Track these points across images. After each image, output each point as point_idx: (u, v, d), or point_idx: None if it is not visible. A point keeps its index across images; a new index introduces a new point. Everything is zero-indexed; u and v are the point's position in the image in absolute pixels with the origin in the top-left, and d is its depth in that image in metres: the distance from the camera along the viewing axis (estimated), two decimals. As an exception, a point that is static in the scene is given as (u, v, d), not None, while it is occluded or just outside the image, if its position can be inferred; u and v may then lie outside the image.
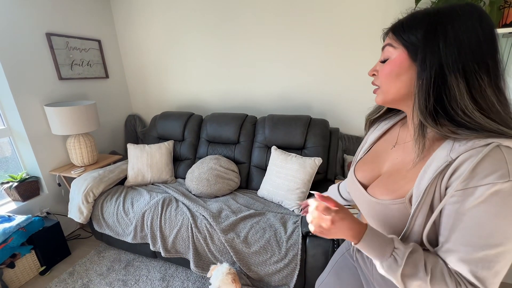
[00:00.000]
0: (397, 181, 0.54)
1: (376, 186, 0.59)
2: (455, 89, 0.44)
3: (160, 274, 1.70)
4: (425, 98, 0.46)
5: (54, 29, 1.96)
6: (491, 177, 0.40)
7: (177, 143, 2.21)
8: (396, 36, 0.50)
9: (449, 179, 0.44)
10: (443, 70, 0.44)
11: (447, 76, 0.44)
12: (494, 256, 0.41)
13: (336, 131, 1.89)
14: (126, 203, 1.73)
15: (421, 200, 0.46)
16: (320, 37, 1.91)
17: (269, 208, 1.65)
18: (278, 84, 2.16)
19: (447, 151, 0.45)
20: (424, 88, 0.46)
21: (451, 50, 0.43)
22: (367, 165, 0.66)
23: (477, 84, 0.43)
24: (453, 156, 0.44)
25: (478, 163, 0.41)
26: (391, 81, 0.51)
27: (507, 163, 0.40)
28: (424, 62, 0.46)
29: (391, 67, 0.51)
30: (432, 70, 0.45)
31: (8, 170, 1.91)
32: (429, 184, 0.46)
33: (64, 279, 1.69)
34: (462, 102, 0.43)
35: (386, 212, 0.54)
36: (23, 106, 1.80)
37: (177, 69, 2.45)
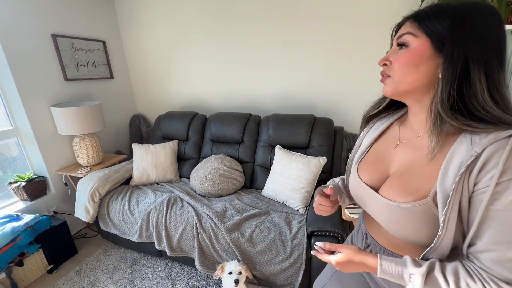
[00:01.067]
0: (413, 181, 0.52)
1: (390, 188, 0.56)
2: (477, 84, 0.43)
3: (166, 273, 1.71)
4: (448, 90, 0.45)
5: (59, 30, 1.98)
6: None
7: (182, 142, 2.22)
8: (420, 24, 0.47)
9: (478, 174, 0.42)
10: (468, 64, 0.43)
11: (471, 71, 0.43)
12: None
13: (341, 130, 1.88)
14: (132, 202, 1.75)
15: (451, 199, 0.44)
16: (324, 35, 1.90)
17: (274, 208, 1.65)
18: (282, 83, 2.15)
19: (467, 145, 0.44)
20: (449, 81, 0.45)
21: (477, 44, 0.43)
22: (371, 167, 0.63)
23: (496, 80, 0.43)
24: (477, 150, 0.43)
25: (509, 155, 0.40)
26: (408, 71, 0.49)
27: None
28: (452, 54, 0.44)
29: (411, 56, 0.48)
30: (459, 63, 0.44)
31: (16, 170, 1.94)
32: (456, 182, 0.44)
33: (72, 278, 1.72)
34: (483, 98, 0.43)
35: (409, 216, 0.50)
36: (30, 107, 1.82)
37: (180, 69, 2.45)
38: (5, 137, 1.83)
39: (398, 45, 0.51)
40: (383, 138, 0.65)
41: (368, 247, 0.68)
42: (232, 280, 1.25)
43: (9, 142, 1.90)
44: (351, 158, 0.71)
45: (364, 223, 0.72)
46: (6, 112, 1.83)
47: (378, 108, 0.66)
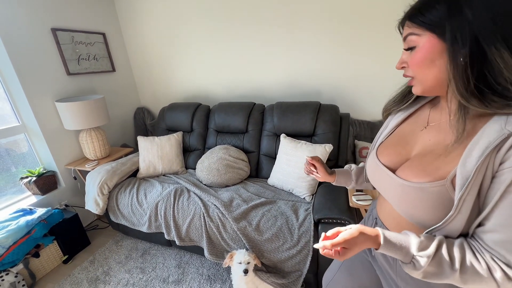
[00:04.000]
0: (434, 162, 0.50)
1: (408, 169, 0.55)
2: (499, 61, 0.39)
3: (176, 262, 1.76)
4: (463, 80, 0.42)
5: (59, 24, 1.96)
6: None
7: (186, 134, 2.22)
8: (415, 22, 0.46)
9: (506, 153, 0.40)
10: (480, 44, 0.40)
11: (486, 50, 0.40)
12: None
13: (347, 117, 1.85)
14: (140, 194, 1.78)
15: (471, 181, 0.42)
16: (329, 21, 1.83)
17: (280, 196, 1.65)
18: (286, 71, 2.10)
19: (500, 126, 0.41)
20: (461, 69, 0.42)
21: (483, 19, 0.39)
22: (391, 149, 0.62)
23: None
24: (510, 129, 0.40)
25: None
26: (426, 69, 0.48)
27: None
28: (454, 40, 0.42)
29: (423, 54, 0.47)
30: (466, 46, 0.41)
31: (26, 165, 1.98)
32: (480, 162, 0.41)
33: (86, 267, 1.78)
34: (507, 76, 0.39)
35: (423, 196, 0.49)
36: (35, 103, 1.83)
37: (182, 59, 2.42)
38: (13, 133, 1.86)
39: (408, 48, 0.50)
40: (410, 120, 0.63)
41: None
42: (242, 270, 1.27)
43: (18, 139, 1.93)
44: (374, 141, 0.70)
45: (376, 208, 0.72)
46: (12, 108, 1.85)
47: (405, 104, 0.63)
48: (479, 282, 0.42)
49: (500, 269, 0.41)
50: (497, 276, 0.41)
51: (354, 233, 0.51)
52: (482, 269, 0.42)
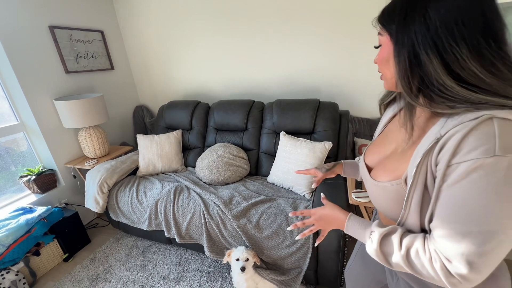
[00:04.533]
0: (395, 162, 0.54)
1: (377, 168, 0.59)
2: (429, 66, 0.43)
3: (176, 259, 1.76)
4: (404, 79, 0.46)
5: (57, 21, 1.94)
6: (475, 153, 0.38)
7: (185, 132, 2.22)
8: (380, 24, 0.51)
9: (437, 156, 0.43)
10: (415, 49, 0.44)
11: (420, 55, 0.43)
12: (480, 235, 0.39)
13: (346, 114, 1.85)
14: (140, 192, 1.78)
15: (414, 180, 0.46)
16: (328, 18, 1.82)
17: (280, 194, 1.65)
18: (285, 68, 2.10)
19: (438, 128, 0.44)
20: (402, 70, 0.46)
21: (420, 26, 0.43)
22: (376, 148, 0.65)
23: (453, 58, 0.41)
24: (442, 132, 0.43)
25: (463, 138, 0.39)
26: (385, 67, 0.52)
27: (495, 137, 0.37)
28: (397, 44, 0.46)
29: (382, 54, 0.52)
30: (405, 50, 0.45)
31: (26, 164, 1.98)
32: (419, 163, 0.45)
33: (87, 265, 1.79)
34: (438, 78, 0.42)
35: (385, 194, 0.54)
36: (33, 101, 1.83)
37: (181, 57, 2.41)
38: (12, 131, 1.85)
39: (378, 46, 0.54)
40: (396, 117, 0.65)
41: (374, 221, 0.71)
42: (239, 267, 1.27)
43: (17, 138, 1.92)
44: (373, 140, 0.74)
45: None
46: (11, 107, 1.85)
47: (391, 96, 0.66)
48: (422, 269, 0.45)
49: (440, 261, 0.43)
50: (436, 266, 0.43)
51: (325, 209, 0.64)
52: (424, 257, 0.45)
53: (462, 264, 0.40)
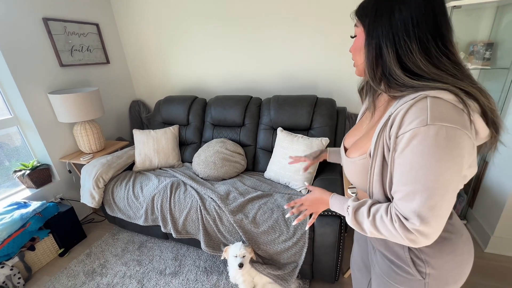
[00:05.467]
0: (363, 140, 0.64)
1: (352, 148, 0.68)
2: (386, 57, 0.51)
3: (173, 254, 1.77)
4: (371, 67, 0.54)
5: (50, 13, 1.90)
6: (413, 123, 0.46)
7: (182, 127, 2.21)
8: (357, 16, 0.58)
9: (390, 130, 0.51)
10: (380, 42, 0.52)
11: (382, 46, 0.52)
12: (425, 192, 0.47)
13: (343, 111, 1.85)
14: (136, 187, 1.77)
15: (374, 153, 0.55)
16: (325, 15, 1.81)
17: (276, 189, 1.66)
18: (282, 64, 2.09)
19: (392, 108, 0.53)
20: (370, 59, 0.54)
21: (385, 22, 0.51)
22: (353, 132, 0.73)
23: (405, 51, 0.50)
24: (392, 110, 0.52)
25: (405, 113, 0.48)
26: (357, 55, 0.60)
27: (427, 110, 0.46)
28: (368, 37, 0.54)
29: (355, 43, 0.60)
30: (373, 42, 0.53)
31: (20, 159, 1.95)
32: (377, 138, 0.54)
33: (82, 260, 1.78)
34: (391, 68, 0.51)
35: (354, 168, 0.64)
36: (27, 95, 1.80)
37: (178, 52, 2.38)
38: (5, 126, 1.82)
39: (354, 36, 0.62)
40: None
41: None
42: (237, 263, 1.28)
43: (11, 132, 1.89)
44: None
45: None
46: (4, 100, 1.81)
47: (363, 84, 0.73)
48: (386, 231, 0.52)
49: (399, 220, 0.50)
50: (396, 226, 0.50)
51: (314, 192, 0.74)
52: (387, 219, 0.52)
53: (415, 219, 0.48)
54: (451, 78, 0.49)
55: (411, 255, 0.59)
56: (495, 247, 1.60)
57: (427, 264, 0.58)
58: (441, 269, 0.58)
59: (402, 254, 0.61)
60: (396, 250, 0.62)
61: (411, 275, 0.60)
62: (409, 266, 0.60)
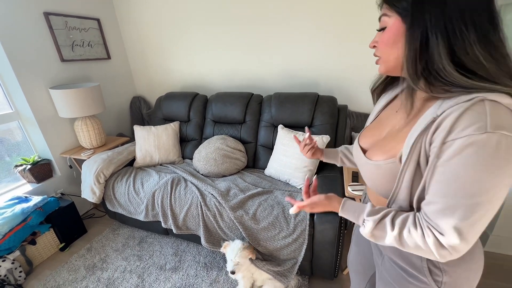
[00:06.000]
0: (391, 143, 0.57)
1: (373, 149, 0.62)
2: (435, 50, 0.44)
3: (173, 250, 1.78)
4: (413, 62, 0.47)
5: (51, 8, 1.89)
6: (469, 130, 0.40)
7: (183, 124, 2.21)
8: (389, 4, 0.50)
9: (433, 135, 0.45)
10: (427, 31, 0.45)
11: (429, 38, 0.44)
12: (470, 207, 0.42)
13: (345, 108, 1.85)
14: (136, 183, 1.77)
15: (408, 157, 0.49)
16: (326, 12, 1.80)
17: (277, 186, 1.66)
18: (284, 61, 2.08)
19: (435, 109, 0.47)
20: (412, 52, 0.46)
21: (435, 10, 0.44)
22: (370, 132, 0.68)
23: (461, 43, 0.43)
24: (438, 113, 0.45)
25: (458, 117, 0.42)
26: (390, 49, 0.52)
27: (487, 116, 0.40)
28: (412, 26, 0.46)
29: (388, 35, 0.51)
30: (418, 32, 0.45)
31: (21, 154, 1.95)
32: (414, 142, 0.48)
33: (83, 255, 1.79)
34: (440, 62, 0.44)
35: (378, 172, 0.57)
36: (28, 90, 1.79)
37: (179, 48, 2.37)
38: (6, 120, 1.82)
39: (381, 29, 0.54)
40: (390, 105, 0.68)
41: None
42: (229, 270, 1.28)
43: (12, 127, 1.89)
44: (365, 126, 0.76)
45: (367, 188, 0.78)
46: (4, 95, 1.81)
47: (378, 82, 0.69)
48: (414, 245, 0.48)
49: (433, 236, 0.46)
50: (429, 241, 0.46)
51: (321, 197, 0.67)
52: (416, 234, 0.47)
53: (454, 236, 0.43)
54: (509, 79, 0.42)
55: (429, 264, 0.55)
56: (494, 245, 1.62)
57: (445, 273, 0.55)
58: (458, 277, 0.55)
59: (418, 263, 0.57)
60: (411, 258, 0.58)
61: (426, 284, 0.56)
62: (425, 275, 0.56)
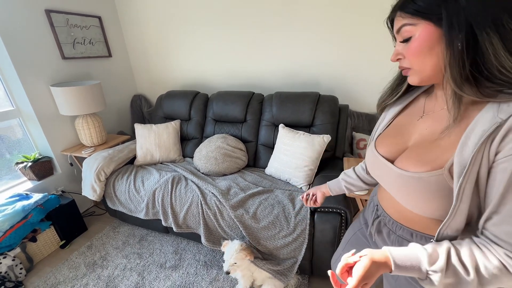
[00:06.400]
0: (430, 151, 0.50)
1: (406, 159, 0.55)
2: (489, 47, 0.39)
3: (173, 248, 1.78)
4: (459, 66, 0.42)
5: (53, 5, 1.89)
6: None
7: (184, 122, 2.20)
8: (409, 12, 0.46)
9: (501, 142, 0.40)
10: (473, 29, 0.40)
11: (478, 35, 0.40)
12: None
13: (346, 108, 1.84)
14: (137, 181, 1.78)
15: (468, 169, 0.42)
16: (328, 11, 1.79)
17: (277, 186, 1.66)
18: (285, 60, 2.08)
19: (493, 113, 0.41)
20: (458, 55, 0.42)
21: (475, 4, 0.39)
22: (388, 140, 0.62)
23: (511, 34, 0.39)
24: (503, 117, 0.40)
25: None
26: (424, 58, 0.47)
27: None
28: (451, 27, 0.41)
29: (420, 43, 0.46)
30: (462, 32, 0.41)
31: (22, 151, 1.95)
32: (476, 151, 0.41)
33: (84, 252, 1.80)
34: (498, 60, 0.39)
35: (422, 186, 0.49)
36: (29, 87, 1.79)
37: (180, 47, 2.37)
38: (7, 117, 1.82)
39: (404, 41, 0.49)
40: (406, 111, 0.64)
41: (377, 218, 0.70)
42: (224, 270, 1.27)
43: (13, 125, 1.90)
44: (372, 134, 0.72)
45: (377, 195, 0.73)
46: (5, 92, 1.81)
47: (396, 95, 0.63)
48: (498, 281, 0.42)
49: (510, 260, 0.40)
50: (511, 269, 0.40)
51: (367, 265, 0.48)
52: (497, 268, 0.41)
53: None
54: None
55: None
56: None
57: None
58: None
59: None
60: None
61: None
62: None
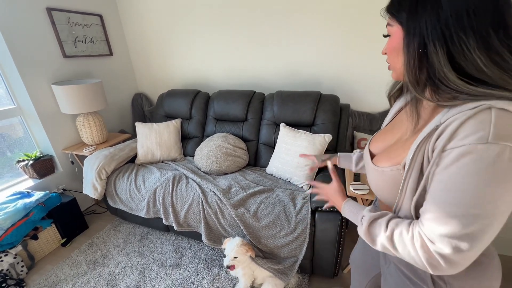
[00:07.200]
0: (397, 149, 0.56)
1: (380, 155, 0.61)
2: (434, 57, 0.43)
3: (174, 246, 1.78)
4: (414, 69, 0.46)
5: (54, 3, 1.89)
6: (469, 139, 0.39)
7: (185, 121, 2.20)
8: (390, 14, 0.50)
9: (435, 142, 0.44)
10: (424, 40, 0.44)
11: (427, 46, 0.43)
12: (466, 218, 0.40)
13: (347, 108, 1.84)
14: (138, 180, 1.78)
15: (410, 165, 0.48)
16: (329, 10, 1.79)
17: (278, 185, 1.66)
18: (286, 59, 2.07)
19: (440, 117, 0.46)
20: (411, 62, 0.46)
21: (430, 17, 0.43)
22: (382, 136, 0.66)
23: (459, 49, 0.41)
24: (442, 120, 0.44)
25: (459, 125, 0.40)
26: (395, 57, 0.52)
27: (491, 125, 0.38)
28: (408, 33, 0.46)
29: (392, 44, 0.52)
30: (415, 41, 0.45)
31: (23, 149, 1.96)
32: (417, 149, 0.47)
33: (85, 250, 1.80)
34: (441, 70, 0.43)
35: (382, 178, 0.57)
36: (30, 85, 1.79)
37: (181, 45, 2.37)
38: (8, 115, 1.82)
39: (386, 36, 0.54)
40: (403, 110, 0.66)
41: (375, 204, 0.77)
42: (225, 264, 1.28)
43: (14, 123, 1.90)
44: None
45: None
46: (7, 90, 1.81)
47: (395, 89, 0.67)
48: (403, 248, 0.48)
49: (421, 240, 0.45)
50: (416, 245, 0.45)
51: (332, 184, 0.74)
52: (407, 237, 0.47)
53: (444, 245, 0.42)
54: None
55: (433, 275, 0.54)
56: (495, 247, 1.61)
57: (449, 285, 0.53)
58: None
59: (422, 273, 0.56)
60: (416, 267, 0.57)
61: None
62: (428, 285, 0.55)
